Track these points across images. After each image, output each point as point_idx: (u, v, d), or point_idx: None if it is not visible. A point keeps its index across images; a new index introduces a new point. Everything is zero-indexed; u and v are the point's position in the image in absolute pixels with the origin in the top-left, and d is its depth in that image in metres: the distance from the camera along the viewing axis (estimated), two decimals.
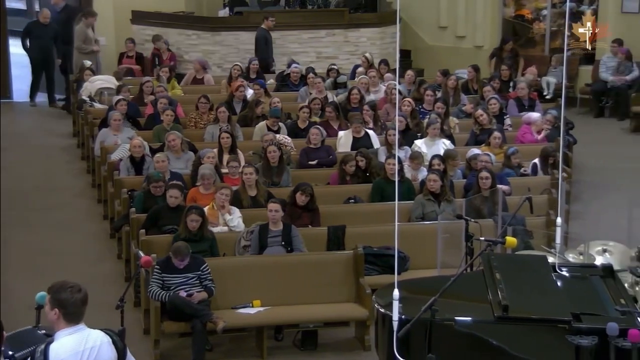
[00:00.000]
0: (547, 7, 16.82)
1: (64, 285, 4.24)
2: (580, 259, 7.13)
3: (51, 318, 4.26)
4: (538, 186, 9.40)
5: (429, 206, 8.72)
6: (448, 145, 10.39)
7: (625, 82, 14.38)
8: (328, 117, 11.22)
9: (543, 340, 5.29)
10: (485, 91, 12.43)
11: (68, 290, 4.22)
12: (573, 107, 14.83)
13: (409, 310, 5.30)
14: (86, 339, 4.26)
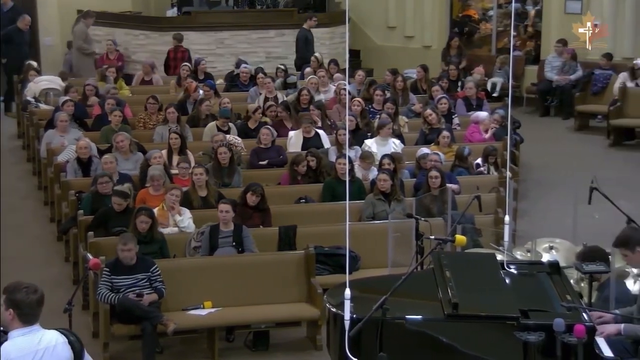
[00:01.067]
0: (493, 7, 17.05)
1: (19, 286, 4.19)
2: (527, 256, 7.25)
3: (6, 318, 4.20)
4: (486, 185, 9.51)
5: (380, 205, 8.76)
6: (398, 145, 10.46)
7: (569, 81, 14.63)
8: (281, 117, 11.21)
9: (492, 337, 5.36)
10: (433, 91, 12.56)
11: (23, 291, 4.17)
12: (519, 106, 15.07)
13: (360, 309, 5.32)
14: (40, 339, 4.21)
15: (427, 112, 11.15)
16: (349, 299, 5.17)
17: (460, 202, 8.72)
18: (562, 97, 14.74)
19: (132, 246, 7.25)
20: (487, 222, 8.58)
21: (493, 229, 8.36)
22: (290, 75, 13.53)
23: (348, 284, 5.23)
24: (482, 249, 7.79)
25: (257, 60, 15.13)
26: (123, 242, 7.25)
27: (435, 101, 11.88)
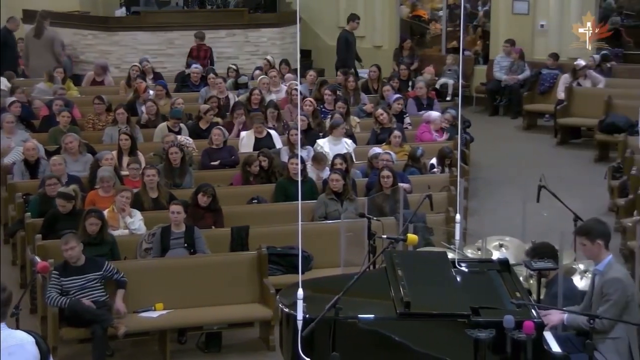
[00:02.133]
0: (443, 7, 17.21)
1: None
2: (478, 254, 7.33)
3: None
4: (438, 184, 9.59)
5: (332, 205, 8.78)
6: (350, 145, 10.51)
7: (518, 81, 14.83)
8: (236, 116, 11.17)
9: (444, 335, 5.40)
10: (384, 91, 12.63)
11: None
12: (469, 105, 15.22)
13: (313, 309, 5.32)
14: (8, 337, 4.19)
15: (379, 112, 11.21)
16: (302, 299, 5.18)
17: (412, 201, 8.78)
18: (511, 97, 14.94)
19: (74, 244, 7.15)
20: (438, 220, 8.65)
21: (444, 228, 8.43)
22: (242, 75, 13.49)
23: (301, 284, 5.24)
24: (433, 247, 7.86)
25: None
26: (65, 241, 7.16)
27: (391, 100, 11.95)
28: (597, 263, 5.79)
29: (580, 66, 13.64)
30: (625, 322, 5.56)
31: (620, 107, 12.42)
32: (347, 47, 14.60)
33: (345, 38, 14.60)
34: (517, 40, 14.93)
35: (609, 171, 10.65)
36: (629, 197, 9.30)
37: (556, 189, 8.12)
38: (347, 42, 14.58)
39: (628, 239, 8.53)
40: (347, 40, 14.59)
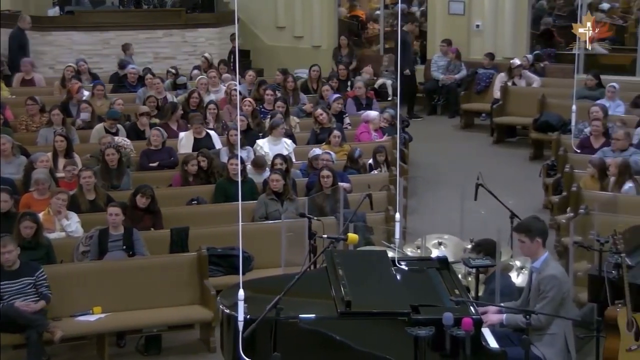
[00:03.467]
0: (380, 8, 17.34)
1: None
2: (417, 253, 7.40)
3: None
4: (377, 183, 9.65)
5: (272, 205, 8.77)
6: (290, 145, 10.51)
7: (455, 80, 15.01)
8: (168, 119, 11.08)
9: (384, 333, 5.44)
10: (324, 90, 12.66)
11: None
12: None
13: (254, 310, 5.31)
14: None
15: (318, 112, 11.24)
16: (243, 299, 5.16)
17: (352, 201, 8.82)
18: (448, 96, 15.12)
19: (11, 248, 7.00)
20: (378, 219, 8.71)
21: (384, 227, 8.49)
22: (180, 76, 13.38)
23: (241, 285, 5.22)
24: (373, 246, 7.90)
25: (145, 60, 14.89)
26: (3, 244, 6.99)
27: (330, 100, 11.99)
28: (533, 260, 5.90)
29: (515, 65, 13.88)
30: (561, 317, 5.68)
31: (554, 106, 12.67)
32: (404, 48, 14.59)
33: (403, 39, 14.57)
34: (454, 40, 15.12)
35: (543, 169, 10.85)
36: (563, 195, 9.50)
37: (493, 187, 8.25)
38: (404, 42, 14.59)
39: (562, 236, 8.70)
40: (405, 41, 14.60)
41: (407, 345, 5.32)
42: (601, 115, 10.79)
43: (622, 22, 16.63)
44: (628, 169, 9.00)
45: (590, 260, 7.12)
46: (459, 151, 13.23)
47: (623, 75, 14.50)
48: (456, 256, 7.23)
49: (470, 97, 14.62)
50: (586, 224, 7.82)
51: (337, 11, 17.20)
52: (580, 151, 10.52)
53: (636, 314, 5.92)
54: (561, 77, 14.15)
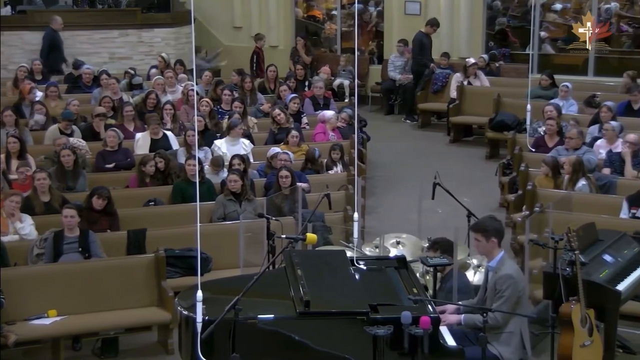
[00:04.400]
0: (337, 8, 17.38)
1: None
2: (376, 252, 7.43)
3: None
4: (335, 183, 9.67)
5: (230, 206, 8.74)
6: (247, 145, 10.48)
7: (411, 80, 15.10)
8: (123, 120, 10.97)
9: (343, 333, 5.45)
10: (281, 91, 12.65)
11: None
12: (365, 105, 15.43)
13: (213, 311, 5.29)
14: None
15: (276, 112, 11.23)
16: (201, 301, 5.13)
17: (310, 201, 8.83)
18: (405, 96, 15.20)
19: None
20: (336, 219, 8.73)
21: (343, 226, 8.51)
22: (136, 76, 13.26)
23: (200, 286, 5.20)
24: (332, 246, 7.92)
25: (100, 61, 14.72)
26: None
27: (287, 100, 11.98)
28: (489, 259, 5.97)
29: (470, 63, 14.01)
30: (517, 315, 5.74)
31: (509, 105, 12.81)
32: (422, 49, 14.55)
33: (420, 40, 14.52)
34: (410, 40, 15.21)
35: (499, 168, 10.97)
36: (519, 193, 9.60)
37: (450, 186, 8.32)
38: (422, 44, 14.51)
39: (518, 234, 8.81)
40: (422, 43, 14.53)
41: (366, 345, 5.34)
42: (555, 115, 10.95)
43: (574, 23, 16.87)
44: (581, 167, 9.14)
45: (545, 258, 7.21)
46: (416, 150, 13.32)
47: (575, 75, 14.73)
48: (414, 255, 7.27)
49: (426, 96, 14.72)
50: (541, 222, 7.92)
51: (293, 11, 17.20)
52: (535, 150, 10.66)
53: (590, 309, 6.01)
54: (516, 77, 14.33)
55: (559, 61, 15.96)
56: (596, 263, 6.43)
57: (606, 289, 6.17)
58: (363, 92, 15.60)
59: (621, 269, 6.53)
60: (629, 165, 9.54)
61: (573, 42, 16.50)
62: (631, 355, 6.79)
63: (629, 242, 6.93)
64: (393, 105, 15.51)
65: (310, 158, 10.08)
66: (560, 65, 15.48)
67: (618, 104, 11.41)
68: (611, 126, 10.19)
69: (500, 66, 15.10)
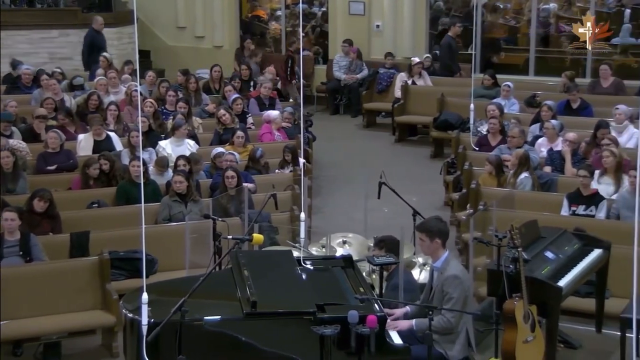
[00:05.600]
0: (281, 8, 17.37)
1: None
2: (322, 252, 7.45)
3: None
4: (282, 183, 9.67)
5: (176, 207, 8.67)
6: (193, 146, 10.41)
7: (356, 80, 15.18)
8: (62, 123, 10.80)
9: (290, 333, 5.45)
10: (226, 91, 12.59)
11: None
12: (311, 104, 15.45)
13: (159, 313, 5.24)
14: None
15: (221, 113, 11.18)
16: (146, 303, 5.08)
17: (256, 201, 8.81)
18: (350, 96, 15.28)
19: None
20: (283, 219, 8.73)
21: (289, 226, 8.51)
22: (77, 76, 13.07)
23: (145, 288, 5.15)
24: (279, 246, 7.92)
25: (40, 61, 14.47)
26: None
27: (230, 101, 11.93)
28: (434, 260, 6.02)
29: (415, 62, 14.13)
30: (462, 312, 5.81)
31: (452, 105, 12.96)
32: (451, 53, 14.45)
33: (448, 44, 14.41)
34: (355, 40, 15.29)
35: (444, 167, 11.08)
36: (463, 192, 9.72)
37: (395, 185, 8.38)
38: (450, 47, 14.39)
39: (462, 232, 8.91)
40: (450, 46, 14.42)
41: (313, 344, 5.35)
42: (497, 114, 11.11)
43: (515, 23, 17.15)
44: (527, 161, 9.30)
45: (489, 256, 7.31)
46: (362, 150, 13.38)
47: (517, 74, 14.97)
48: (360, 254, 7.30)
49: (371, 96, 14.81)
50: (485, 220, 8.02)
51: (238, 11, 17.14)
52: (478, 149, 10.80)
53: (532, 306, 6.11)
54: (459, 77, 14.50)
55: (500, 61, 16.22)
56: (538, 260, 6.53)
57: (548, 285, 6.28)
58: (308, 92, 15.62)
59: (562, 265, 6.65)
60: (569, 164, 9.73)
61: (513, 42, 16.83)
62: (572, 349, 6.92)
63: (569, 239, 7.06)
64: (338, 105, 15.57)
65: (252, 157, 10.05)
66: (501, 65, 15.74)
67: (558, 103, 11.63)
68: (551, 125, 10.38)
69: None
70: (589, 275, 6.92)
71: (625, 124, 10.55)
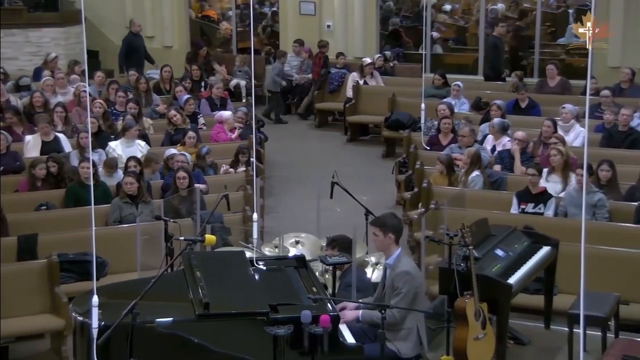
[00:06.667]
0: (232, 8, 17.30)
1: None
2: (275, 252, 7.44)
3: None
4: (234, 183, 9.63)
5: (127, 209, 8.59)
6: (143, 147, 10.32)
7: (308, 80, 15.19)
8: (10, 123, 10.61)
9: (243, 334, 5.43)
10: (177, 91, 12.51)
11: None
12: (262, 105, 15.42)
13: (109, 316, 5.18)
14: None
15: (172, 113, 11.10)
16: (97, 306, 5.02)
17: (208, 202, 8.76)
18: (302, 96, 15.28)
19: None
20: (235, 220, 8.70)
21: (242, 227, 8.48)
22: (23, 77, 12.85)
23: (95, 291, 5.09)
24: (231, 247, 7.89)
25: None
26: None
27: (182, 101, 11.85)
28: (387, 257, 6.05)
29: (366, 63, 14.20)
30: (414, 311, 5.85)
31: (403, 104, 13.05)
32: (497, 53, 14.29)
33: (494, 44, 14.25)
34: (306, 40, 15.31)
35: (395, 166, 11.15)
36: (415, 191, 9.79)
37: (348, 184, 8.40)
38: (496, 47, 14.23)
39: (414, 231, 8.98)
40: (497, 46, 14.25)
41: (266, 345, 5.34)
42: (448, 113, 11.22)
43: (464, 23, 17.36)
44: (479, 159, 9.40)
45: (440, 254, 7.37)
46: (314, 150, 13.40)
47: (466, 74, 15.14)
48: (313, 254, 7.31)
49: (323, 96, 14.83)
50: (436, 219, 8.09)
51: (187, 11, 17.03)
52: (429, 148, 10.89)
53: (483, 303, 6.18)
54: (409, 76, 14.61)
55: (450, 61, 16.39)
56: (489, 258, 6.61)
57: (498, 282, 6.36)
58: (260, 93, 15.59)
59: (512, 262, 6.74)
60: (518, 162, 9.86)
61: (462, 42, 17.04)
62: (522, 345, 7.01)
63: (519, 237, 7.16)
64: (290, 105, 15.56)
65: (198, 154, 10.01)
66: (451, 65, 15.90)
67: (507, 102, 11.79)
68: (493, 124, 10.56)
69: (395, 66, 15.36)
70: (538, 272, 7.03)
71: (572, 122, 10.74)
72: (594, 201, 8.38)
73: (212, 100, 12.62)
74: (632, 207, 8.44)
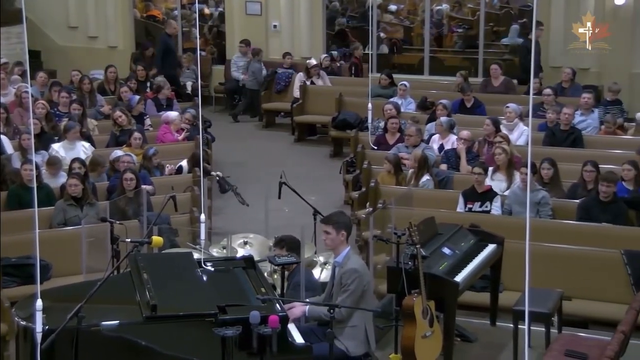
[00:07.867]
0: (177, 8, 17.17)
1: None
2: (223, 253, 7.40)
3: None
4: (181, 184, 9.56)
5: (71, 211, 8.47)
6: (87, 148, 10.18)
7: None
8: None
9: (192, 336, 5.40)
10: (122, 92, 12.36)
11: None
12: (209, 105, 15.34)
13: (54, 320, 5.10)
14: None
15: (117, 114, 10.97)
16: (41, 310, 4.94)
17: (155, 203, 8.69)
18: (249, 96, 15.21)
19: None
20: (183, 221, 8.64)
21: (189, 228, 8.43)
22: None
23: (39, 295, 5.00)
24: (179, 248, 7.83)
25: None
26: None
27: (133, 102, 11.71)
28: (336, 255, 6.07)
29: (311, 65, 14.22)
30: (362, 309, 5.88)
31: (350, 104, 13.10)
32: (528, 55, 14.09)
33: (526, 47, 14.02)
34: (252, 41, 15.25)
35: (343, 166, 11.19)
36: (362, 190, 9.84)
37: (296, 184, 8.41)
38: (527, 50, 14.03)
39: (362, 230, 9.02)
40: (528, 49, 14.06)
41: (215, 346, 5.31)
42: (395, 113, 11.30)
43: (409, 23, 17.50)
44: (426, 162, 9.48)
45: (388, 253, 7.41)
46: (262, 150, 13.37)
47: (412, 74, 15.26)
48: (262, 255, 7.30)
49: (270, 96, 14.81)
50: (384, 218, 8.14)
51: (132, 11, 16.85)
52: (376, 148, 10.95)
53: (430, 301, 6.23)
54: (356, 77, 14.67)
55: (396, 61, 16.51)
56: (436, 256, 6.67)
57: (445, 280, 6.42)
58: (207, 93, 15.50)
59: (459, 260, 6.81)
60: (464, 161, 9.98)
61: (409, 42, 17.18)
62: (468, 342, 7.09)
63: (465, 235, 7.24)
64: (237, 106, 15.50)
65: (145, 155, 9.92)
66: (397, 65, 16.00)
67: (452, 102, 11.92)
68: (441, 122, 10.67)
69: (341, 66, 15.41)
70: (484, 270, 7.11)
71: (516, 121, 10.90)
72: (537, 199, 8.52)
73: (158, 100, 12.51)
74: (574, 205, 8.60)
